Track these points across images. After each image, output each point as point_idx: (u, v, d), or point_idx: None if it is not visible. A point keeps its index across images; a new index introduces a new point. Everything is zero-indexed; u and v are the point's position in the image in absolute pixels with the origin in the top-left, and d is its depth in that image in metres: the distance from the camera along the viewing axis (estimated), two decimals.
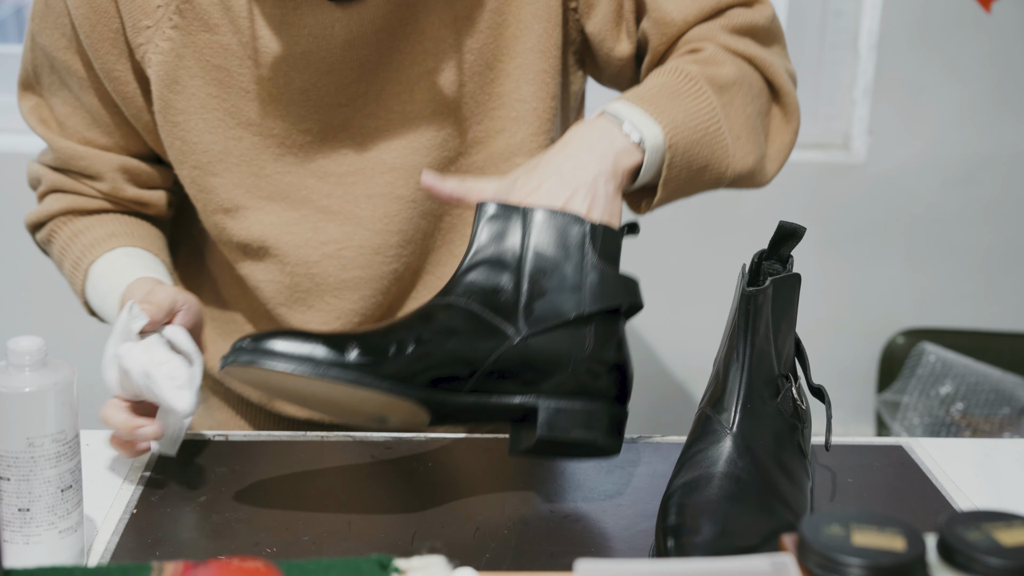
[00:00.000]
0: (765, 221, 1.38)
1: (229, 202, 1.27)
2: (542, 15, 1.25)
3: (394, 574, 0.88)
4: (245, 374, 0.99)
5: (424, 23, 1.22)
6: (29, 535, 0.92)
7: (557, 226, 1.04)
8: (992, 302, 2.41)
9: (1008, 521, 0.78)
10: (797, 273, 1.04)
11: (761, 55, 1.24)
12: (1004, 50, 2.27)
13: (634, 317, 1.10)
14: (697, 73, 1.18)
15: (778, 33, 1.30)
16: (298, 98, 1.23)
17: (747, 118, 1.21)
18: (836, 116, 2.35)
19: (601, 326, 1.04)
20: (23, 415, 0.90)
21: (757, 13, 1.27)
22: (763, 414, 1.00)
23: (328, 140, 1.25)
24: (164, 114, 1.25)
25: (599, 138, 1.11)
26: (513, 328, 1.02)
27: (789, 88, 1.26)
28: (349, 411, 1.03)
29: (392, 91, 1.24)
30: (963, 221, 2.36)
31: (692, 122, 1.15)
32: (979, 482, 1.12)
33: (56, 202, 1.32)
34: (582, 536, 1.02)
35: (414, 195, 1.27)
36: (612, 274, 1.05)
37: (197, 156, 1.26)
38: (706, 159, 1.17)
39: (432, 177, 1.13)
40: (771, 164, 1.26)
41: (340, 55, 1.21)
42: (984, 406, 2.28)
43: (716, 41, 1.24)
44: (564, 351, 1.03)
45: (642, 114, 1.13)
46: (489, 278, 1.04)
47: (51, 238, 1.33)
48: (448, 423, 1.05)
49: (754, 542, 0.91)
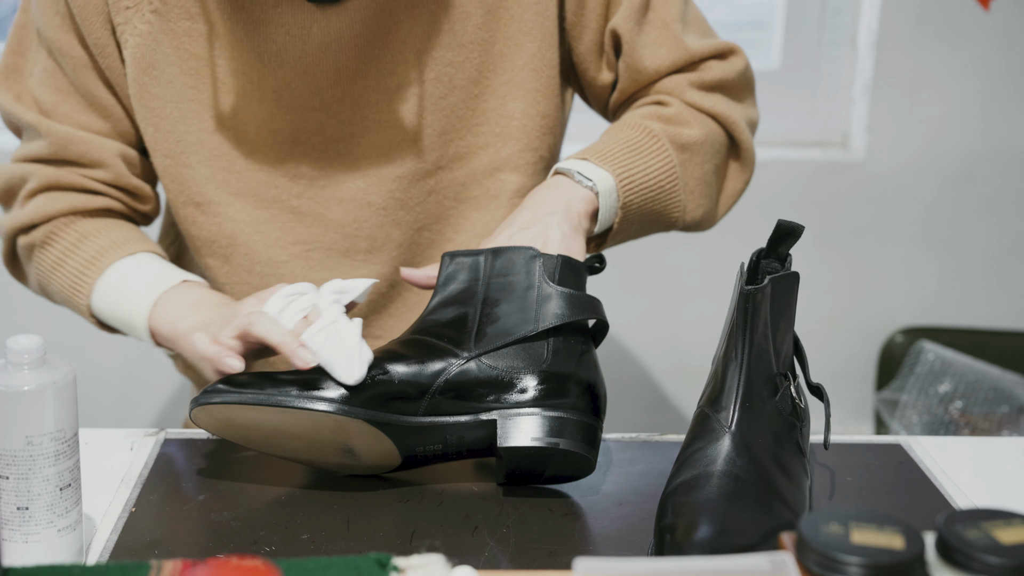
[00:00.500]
0: (763, 219, 1.38)
1: (200, 195, 1.27)
2: (536, 34, 1.25)
3: (393, 573, 0.88)
4: (210, 417, 1.03)
5: (406, 32, 1.22)
6: (28, 534, 0.92)
7: (510, 258, 1.09)
8: (991, 300, 2.41)
9: (1007, 519, 0.78)
10: (795, 271, 1.04)
11: (726, 111, 1.28)
12: (1003, 48, 2.27)
13: (633, 316, 1.10)
14: (660, 131, 1.22)
15: (748, 84, 1.34)
16: (271, 96, 1.23)
17: (703, 174, 1.26)
18: (835, 114, 2.35)
19: (561, 343, 1.06)
20: (22, 413, 0.90)
21: (729, 67, 1.30)
22: (762, 413, 1.00)
23: (300, 142, 1.25)
24: (139, 98, 1.24)
25: (551, 190, 1.17)
26: (464, 350, 1.05)
27: (749, 142, 1.30)
28: (313, 443, 1.04)
29: (369, 99, 1.24)
30: (962, 219, 2.36)
31: (650, 178, 1.21)
32: (978, 480, 1.12)
33: (55, 202, 1.26)
34: (581, 534, 1.02)
35: (385, 203, 1.27)
36: (569, 294, 1.07)
37: (170, 145, 1.25)
38: (659, 212, 1.23)
39: (409, 271, 1.16)
40: (720, 210, 1.32)
41: (316, 56, 1.21)
42: (983, 404, 2.28)
43: (684, 98, 1.27)
44: (519, 365, 1.04)
45: (591, 165, 1.18)
46: (446, 315, 1.07)
47: (49, 240, 1.27)
48: (418, 461, 1.07)
49: (753, 541, 0.91)
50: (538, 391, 1.04)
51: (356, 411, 1.01)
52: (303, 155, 1.26)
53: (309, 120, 1.24)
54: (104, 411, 2.35)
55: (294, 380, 1.02)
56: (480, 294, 1.08)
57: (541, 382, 1.04)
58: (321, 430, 1.02)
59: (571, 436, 1.04)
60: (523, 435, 1.03)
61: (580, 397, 1.05)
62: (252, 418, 1.02)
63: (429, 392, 1.03)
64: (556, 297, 1.06)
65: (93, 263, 1.24)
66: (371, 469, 1.08)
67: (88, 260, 1.24)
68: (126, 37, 1.22)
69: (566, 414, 1.04)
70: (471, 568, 0.89)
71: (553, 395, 1.04)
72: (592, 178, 1.17)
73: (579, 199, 1.16)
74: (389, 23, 1.21)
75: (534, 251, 1.08)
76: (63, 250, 1.26)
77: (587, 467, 1.06)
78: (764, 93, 2.31)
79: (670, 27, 1.27)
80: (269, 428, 1.03)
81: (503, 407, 1.04)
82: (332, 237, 1.28)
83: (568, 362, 1.05)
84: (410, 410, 1.03)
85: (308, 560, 0.90)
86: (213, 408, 1.02)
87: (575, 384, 1.05)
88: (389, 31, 1.21)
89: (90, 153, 1.26)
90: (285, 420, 1.01)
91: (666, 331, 2.38)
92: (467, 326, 1.06)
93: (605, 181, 1.17)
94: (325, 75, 1.22)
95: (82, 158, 1.26)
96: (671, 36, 1.27)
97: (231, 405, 1.01)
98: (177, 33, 1.21)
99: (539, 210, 1.14)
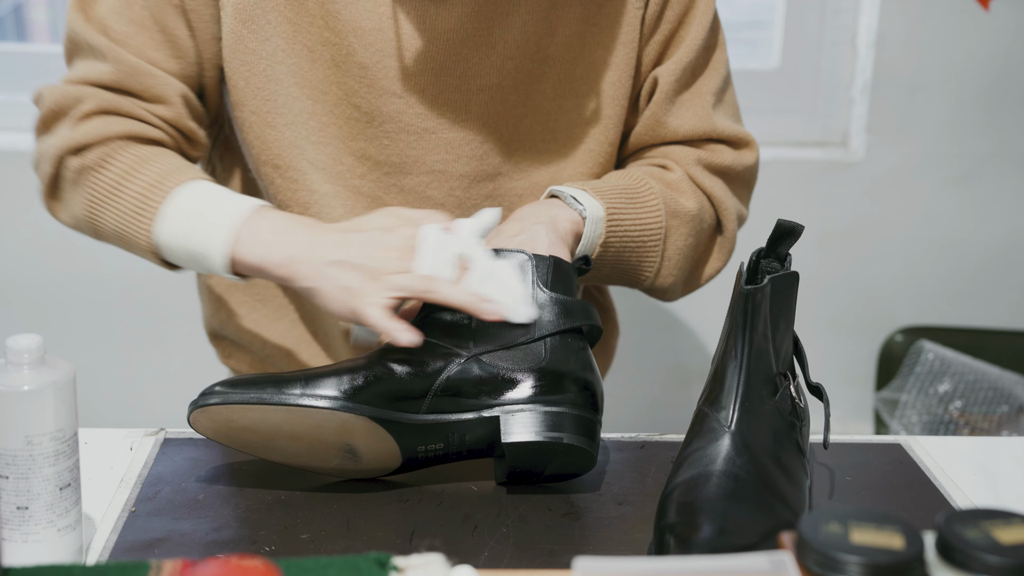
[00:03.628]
0: (763, 219, 1.38)
1: (280, 158, 1.26)
2: (619, 64, 1.26)
3: (393, 572, 0.88)
4: (209, 420, 1.03)
5: (496, 37, 1.23)
6: (28, 533, 0.92)
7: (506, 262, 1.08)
8: (990, 300, 2.40)
9: (1006, 519, 0.78)
10: (795, 271, 1.04)
11: (721, 196, 1.30)
12: (1002, 48, 2.27)
13: (633, 316, 1.10)
14: (659, 191, 1.24)
15: (750, 181, 1.35)
16: (357, 72, 1.23)
17: (685, 247, 1.27)
18: (834, 114, 2.35)
19: (557, 340, 1.07)
20: (22, 413, 0.90)
21: (738, 159, 1.31)
22: (761, 412, 1.00)
23: (374, 124, 1.25)
24: (234, 49, 1.22)
25: (539, 206, 1.18)
26: (464, 350, 1.06)
27: (734, 230, 1.32)
28: (315, 444, 1.04)
29: (449, 96, 1.24)
30: (961, 219, 2.36)
31: (636, 228, 1.22)
32: (977, 480, 1.12)
33: (114, 124, 1.20)
34: (581, 534, 1.02)
35: (444, 200, 1.28)
36: (563, 301, 1.08)
37: (258, 103, 1.24)
38: (633, 265, 1.24)
39: None
40: (688, 288, 1.33)
41: (407, 43, 1.21)
42: (983, 404, 2.27)
43: (688, 172, 1.29)
44: (517, 365, 1.05)
45: (585, 195, 1.19)
46: (444, 317, 1.07)
47: (105, 162, 1.18)
48: (419, 463, 1.07)
49: (753, 540, 0.91)
50: (537, 388, 1.05)
51: (360, 407, 1.01)
52: (374, 138, 1.26)
53: (387, 104, 1.24)
54: (104, 411, 2.35)
55: (294, 379, 1.02)
56: None
57: (539, 379, 1.05)
58: (324, 429, 1.02)
59: (572, 430, 1.05)
60: (526, 430, 1.04)
61: (578, 393, 1.06)
62: (253, 419, 1.02)
63: (431, 390, 1.04)
64: (551, 304, 1.07)
65: (157, 186, 1.15)
66: (370, 472, 1.08)
67: (152, 183, 1.16)
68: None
69: (566, 409, 1.05)
70: (471, 568, 0.89)
71: (552, 391, 1.05)
72: (583, 204, 1.18)
73: (565, 218, 1.16)
74: (483, 25, 1.22)
75: (525, 255, 1.08)
76: (122, 172, 1.18)
77: (588, 462, 1.07)
78: (764, 93, 2.33)
79: (704, 97, 1.29)
80: (270, 429, 1.03)
81: (504, 404, 1.05)
82: None
83: (565, 360, 1.06)
84: (413, 408, 1.03)
85: (308, 560, 0.90)
86: (213, 410, 1.02)
87: (572, 382, 1.06)
88: (481, 33, 1.22)
89: (154, 88, 1.22)
90: (288, 420, 1.01)
91: (666, 330, 2.37)
92: (465, 328, 1.06)
93: (595, 210, 1.18)
94: (413, 63, 1.23)
95: (146, 91, 1.22)
96: (702, 106, 1.29)
97: (232, 406, 1.01)
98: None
99: (526, 221, 1.15)
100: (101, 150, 1.19)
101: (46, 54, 2.29)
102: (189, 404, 1.03)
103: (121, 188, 1.17)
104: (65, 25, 1.24)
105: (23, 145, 2.19)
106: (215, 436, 1.05)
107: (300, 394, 1.01)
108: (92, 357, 2.27)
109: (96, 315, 2.23)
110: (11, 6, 2.33)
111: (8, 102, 2.26)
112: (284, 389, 1.01)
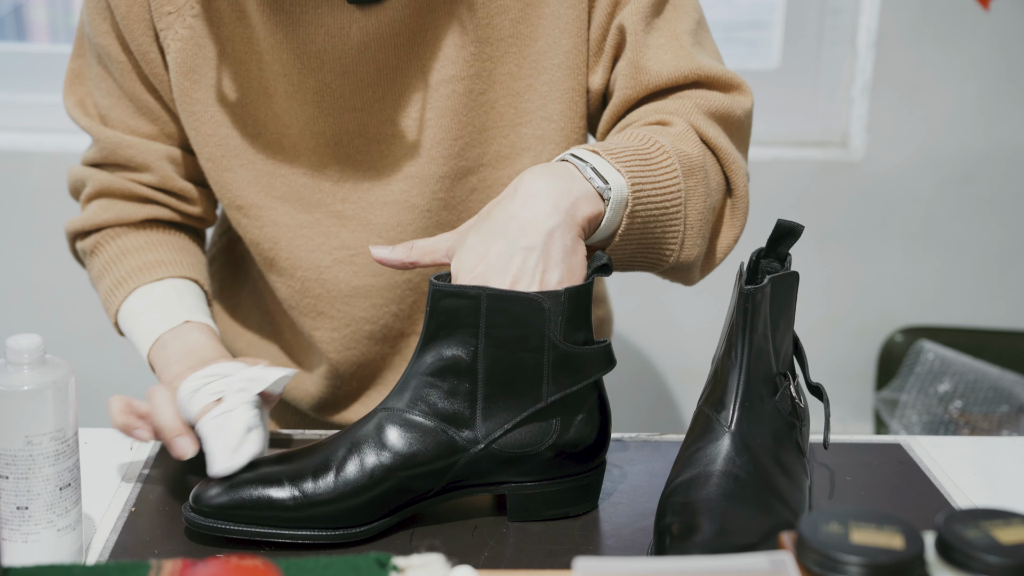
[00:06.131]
0: (763, 219, 1.38)
1: (241, 199, 1.27)
2: (572, 29, 1.21)
3: (392, 572, 0.88)
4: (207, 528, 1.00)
5: (444, 29, 1.21)
6: (28, 533, 0.92)
7: (511, 312, 0.97)
8: (990, 300, 2.41)
9: (1006, 519, 0.78)
10: (795, 271, 1.04)
11: (727, 149, 1.16)
12: (1003, 48, 2.27)
13: (633, 316, 1.09)
14: (670, 147, 1.09)
15: (748, 130, 1.23)
16: (312, 98, 1.22)
17: (703, 211, 1.12)
18: (834, 114, 2.35)
19: (565, 406, 1.01)
20: (22, 413, 0.90)
21: (735, 103, 1.19)
22: (761, 412, 1.00)
23: (343, 144, 1.25)
24: (182, 103, 1.25)
25: (556, 182, 1.01)
26: (471, 435, 1.00)
27: (744, 189, 1.17)
28: None
29: (410, 98, 1.23)
30: (961, 219, 2.36)
31: (657, 196, 1.07)
32: (977, 480, 1.12)
33: (104, 211, 1.29)
34: (580, 534, 1.02)
35: (429, 204, 1.26)
36: (581, 354, 0.99)
37: (211, 149, 1.26)
38: (658, 238, 1.09)
39: (381, 250, 1.06)
40: (706, 265, 1.19)
41: (355, 57, 1.20)
42: (983, 404, 2.28)
43: (689, 120, 1.16)
44: (528, 443, 1.01)
45: (608, 166, 1.04)
46: (445, 385, 0.99)
47: (96, 250, 1.30)
48: None
49: (753, 540, 0.91)
50: (547, 464, 1.02)
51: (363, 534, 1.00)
52: (346, 158, 1.25)
53: (351, 121, 1.24)
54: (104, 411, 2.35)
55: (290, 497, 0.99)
56: (482, 358, 0.98)
57: (550, 456, 1.02)
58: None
59: (577, 502, 1.05)
60: (534, 511, 1.03)
61: (586, 459, 1.04)
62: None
63: (438, 489, 1.01)
64: (567, 361, 0.98)
65: (121, 285, 1.26)
66: None
67: (119, 281, 1.26)
68: (168, 42, 1.22)
69: (572, 484, 1.04)
70: (471, 568, 0.89)
71: (560, 466, 1.03)
72: (609, 180, 1.03)
73: (585, 200, 1.01)
74: (427, 21, 1.20)
75: (538, 301, 0.97)
76: (104, 264, 1.28)
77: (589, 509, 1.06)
78: (764, 93, 2.33)
79: (679, 38, 1.20)
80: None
81: (510, 483, 1.03)
82: (376, 242, 1.27)
83: (575, 429, 1.02)
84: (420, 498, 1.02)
85: (308, 560, 0.90)
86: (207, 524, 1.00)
87: (582, 451, 1.03)
88: (428, 28, 1.21)
89: (136, 157, 1.28)
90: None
91: (666, 331, 2.38)
92: (469, 401, 0.99)
93: (620, 189, 1.03)
94: (365, 75, 1.22)
95: (130, 162, 1.28)
96: (678, 46, 1.19)
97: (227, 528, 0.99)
98: (218, 37, 1.22)
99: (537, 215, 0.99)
100: (94, 238, 1.30)
101: (46, 54, 2.29)
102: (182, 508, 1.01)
103: (101, 279, 1.28)
104: None
105: (23, 145, 2.19)
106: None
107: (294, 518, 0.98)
108: (92, 357, 2.27)
109: (96, 315, 2.23)
110: (11, 6, 2.33)
111: (8, 102, 2.26)
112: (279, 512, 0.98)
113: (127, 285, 1.25)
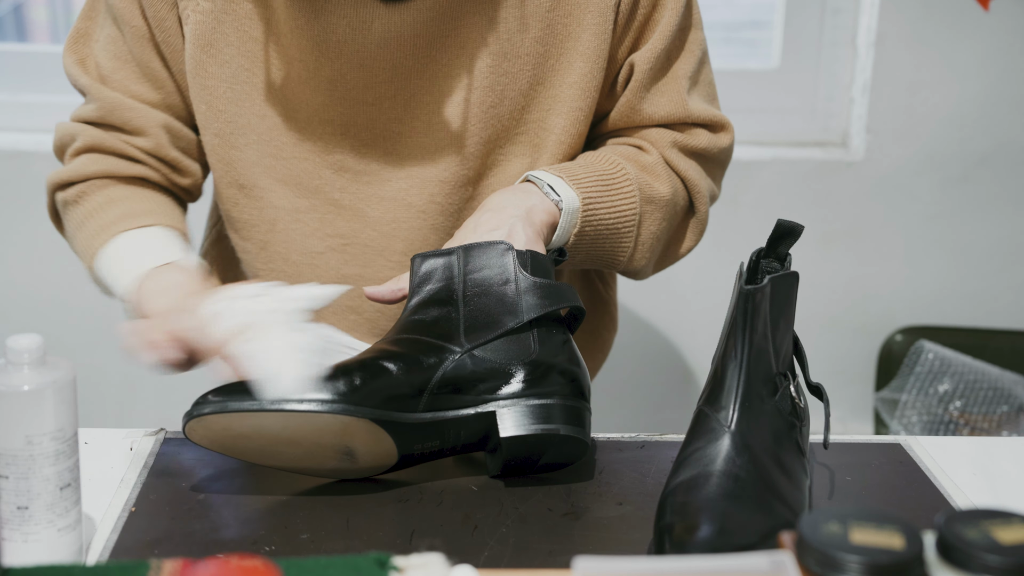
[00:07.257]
0: (763, 219, 1.38)
1: (245, 178, 1.28)
2: (590, 55, 1.25)
3: (392, 572, 0.88)
4: (206, 429, 1.02)
5: (464, 38, 1.22)
6: (28, 533, 0.92)
7: (487, 254, 1.10)
8: (990, 300, 2.41)
9: (1006, 519, 0.78)
10: (795, 271, 1.04)
11: (695, 179, 1.30)
12: (1002, 48, 2.27)
13: (633, 316, 1.10)
14: (634, 176, 1.24)
15: (724, 161, 1.36)
16: (325, 86, 1.23)
17: (658, 231, 1.28)
18: (834, 114, 2.35)
19: (545, 332, 1.09)
20: (22, 413, 0.90)
21: (714, 141, 1.32)
22: (761, 412, 1.00)
23: (349, 135, 1.26)
24: (195, 75, 1.25)
25: (516, 194, 1.18)
26: (456, 345, 1.06)
27: (706, 212, 1.33)
28: (313, 448, 1.04)
29: (421, 99, 1.24)
30: (961, 219, 2.36)
31: (611, 216, 1.23)
32: (977, 480, 1.12)
33: (93, 163, 1.29)
34: (580, 534, 1.02)
35: (425, 206, 1.27)
36: (547, 284, 1.09)
37: (220, 125, 1.26)
38: (607, 251, 1.25)
39: (373, 289, 1.15)
40: (659, 267, 1.35)
41: (374, 52, 1.21)
42: (983, 404, 2.28)
43: (663, 154, 1.29)
44: (510, 357, 1.07)
45: (563, 184, 1.20)
46: (430, 314, 1.09)
47: (79, 199, 1.29)
48: (414, 459, 1.07)
49: (752, 540, 0.91)
50: (529, 380, 1.06)
51: (361, 409, 1.01)
52: (350, 148, 1.26)
53: (360, 114, 1.25)
54: (104, 411, 2.35)
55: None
56: (459, 291, 1.09)
57: (531, 372, 1.07)
58: (324, 433, 1.02)
59: (565, 421, 1.06)
60: (522, 424, 1.05)
61: (567, 384, 1.08)
62: (251, 426, 1.01)
63: (427, 389, 1.04)
64: (535, 288, 1.09)
65: (106, 229, 1.25)
66: (366, 472, 1.08)
67: (104, 225, 1.25)
68: (188, 13, 1.23)
69: (557, 401, 1.07)
70: (471, 568, 0.89)
71: (542, 384, 1.07)
72: (560, 195, 1.18)
73: (542, 209, 1.17)
74: (449, 27, 1.21)
75: (506, 244, 1.10)
76: (88, 211, 1.28)
77: (581, 450, 1.08)
78: (764, 93, 2.33)
79: (679, 82, 1.29)
80: (269, 435, 1.02)
81: (498, 399, 1.06)
82: (370, 234, 1.29)
83: (552, 352, 1.08)
84: (410, 407, 1.03)
85: (308, 560, 0.90)
86: (209, 419, 1.00)
87: (560, 373, 1.08)
88: (449, 34, 1.22)
89: (134, 120, 1.28)
90: (288, 425, 1.01)
91: (665, 331, 2.38)
92: (454, 323, 1.08)
93: (571, 201, 1.19)
94: (381, 71, 1.22)
95: (126, 124, 1.28)
96: (677, 91, 1.28)
97: (230, 414, 1.00)
98: (238, 14, 1.22)
99: (503, 213, 1.15)
100: (79, 187, 1.29)
101: (46, 54, 2.29)
102: (183, 415, 1.01)
103: (83, 226, 1.27)
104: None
105: (23, 145, 2.19)
106: (211, 445, 1.04)
107: (299, 399, 1.00)
108: (92, 357, 2.27)
109: (96, 315, 2.23)
110: (11, 6, 2.33)
111: (8, 102, 2.26)
112: (283, 393, 1.01)
113: (112, 229, 1.25)
